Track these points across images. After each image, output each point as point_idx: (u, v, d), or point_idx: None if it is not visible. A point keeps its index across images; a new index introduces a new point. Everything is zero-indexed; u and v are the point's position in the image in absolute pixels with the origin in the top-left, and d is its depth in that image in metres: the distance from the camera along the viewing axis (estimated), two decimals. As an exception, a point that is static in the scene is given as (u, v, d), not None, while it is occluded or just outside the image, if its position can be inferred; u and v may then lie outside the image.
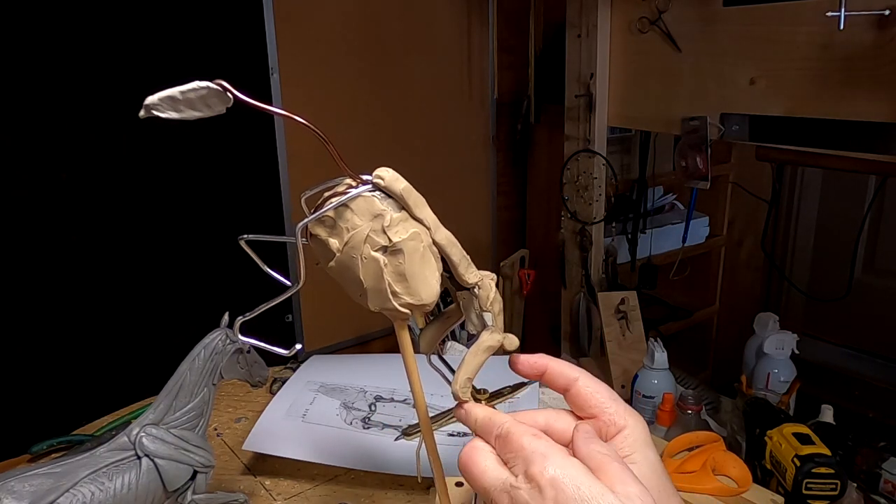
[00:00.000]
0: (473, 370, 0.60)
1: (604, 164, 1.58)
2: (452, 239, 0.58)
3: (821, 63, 1.13)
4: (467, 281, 0.59)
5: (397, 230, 0.55)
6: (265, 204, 1.58)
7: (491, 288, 0.58)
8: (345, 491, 0.83)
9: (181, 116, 0.48)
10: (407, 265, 0.55)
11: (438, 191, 1.91)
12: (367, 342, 1.83)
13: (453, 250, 0.57)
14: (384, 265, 0.56)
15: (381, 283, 0.56)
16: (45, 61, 1.25)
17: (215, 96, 0.48)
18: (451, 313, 0.65)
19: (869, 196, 1.82)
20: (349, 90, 1.67)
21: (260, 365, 0.72)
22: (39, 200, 1.29)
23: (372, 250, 0.56)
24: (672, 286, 2.04)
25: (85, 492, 0.60)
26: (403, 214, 0.56)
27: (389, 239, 0.55)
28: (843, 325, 1.99)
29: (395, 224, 0.55)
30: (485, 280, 0.59)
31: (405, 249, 0.55)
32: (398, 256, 0.55)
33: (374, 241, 0.56)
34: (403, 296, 0.57)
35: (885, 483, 1.14)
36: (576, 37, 1.56)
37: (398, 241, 0.55)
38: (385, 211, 0.55)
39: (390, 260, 0.56)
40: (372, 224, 0.55)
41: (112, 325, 1.41)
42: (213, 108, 0.48)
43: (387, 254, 0.56)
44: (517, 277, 2.00)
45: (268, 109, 0.49)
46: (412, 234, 0.55)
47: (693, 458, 0.86)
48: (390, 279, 0.56)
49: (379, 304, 0.58)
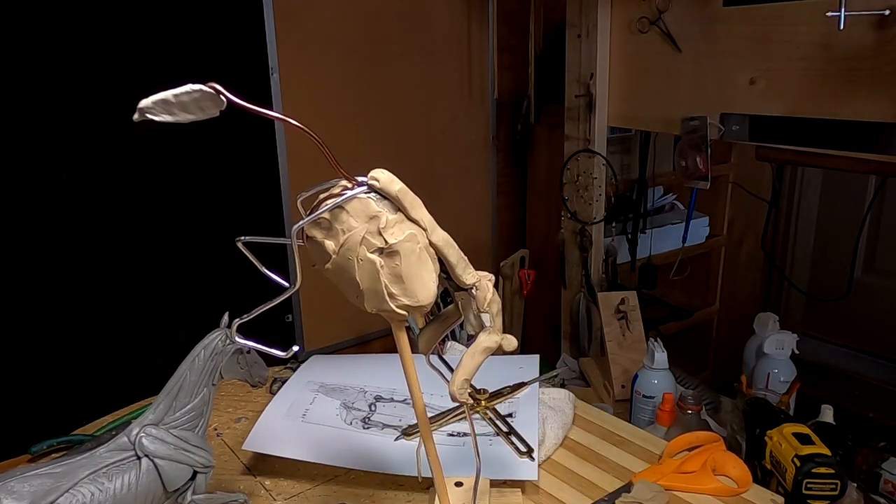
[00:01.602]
0: (471, 371, 0.60)
1: (604, 164, 1.58)
2: (449, 240, 0.58)
3: (821, 63, 1.13)
4: (465, 282, 0.58)
5: (393, 232, 0.55)
6: (265, 205, 1.58)
7: (488, 289, 0.58)
8: (345, 491, 0.83)
9: (175, 119, 0.48)
10: (403, 267, 0.55)
11: (438, 191, 1.92)
12: (366, 342, 1.83)
13: (450, 251, 0.57)
14: (381, 267, 0.55)
15: (378, 285, 0.56)
16: (45, 61, 1.25)
17: (209, 99, 0.47)
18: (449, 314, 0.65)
19: (869, 196, 1.82)
20: (349, 90, 1.67)
21: (260, 365, 0.72)
22: (39, 200, 1.29)
23: (368, 252, 0.56)
24: (672, 286, 2.04)
25: (85, 492, 0.60)
26: (399, 216, 0.56)
27: (386, 241, 0.55)
28: (843, 325, 1.99)
29: (391, 226, 0.55)
30: (482, 281, 0.59)
31: (401, 251, 0.55)
32: (395, 258, 0.55)
33: (370, 243, 0.55)
34: (400, 297, 0.57)
35: (885, 483, 1.14)
36: (576, 37, 1.56)
37: (394, 243, 0.55)
38: (381, 213, 0.55)
39: (387, 261, 0.56)
40: (368, 226, 0.55)
41: (112, 325, 1.41)
42: (207, 110, 0.48)
43: (383, 255, 0.56)
44: (517, 277, 2.00)
45: (261, 112, 0.49)
46: (408, 236, 0.55)
47: (693, 458, 0.86)
48: (387, 281, 0.56)
49: (376, 306, 0.58)
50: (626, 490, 0.81)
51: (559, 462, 0.88)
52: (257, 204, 1.56)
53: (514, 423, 0.88)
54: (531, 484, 0.83)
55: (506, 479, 0.82)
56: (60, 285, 1.33)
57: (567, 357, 1.74)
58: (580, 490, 0.82)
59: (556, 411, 0.95)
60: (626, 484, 0.82)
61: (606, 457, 0.89)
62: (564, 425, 0.94)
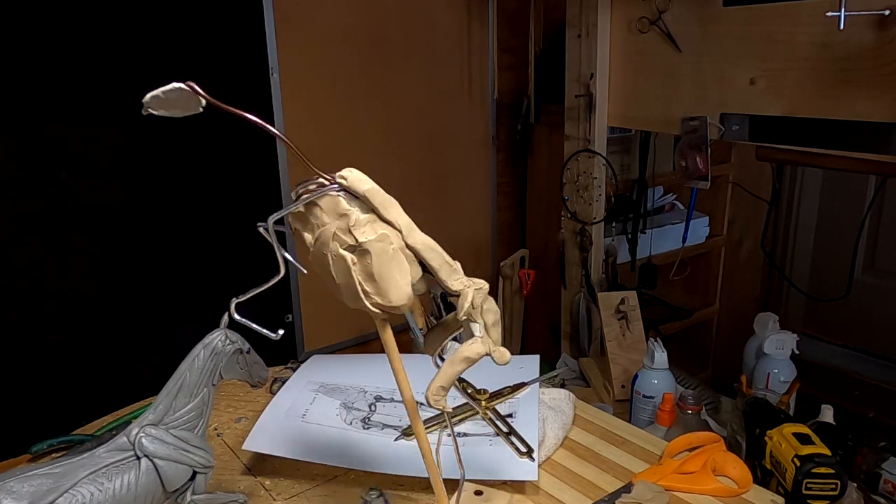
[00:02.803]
0: (448, 379, 0.60)
1: (604, 164, 1.58)
2: (430, 244, 0.58)
3: (821, 63, 1.13)
4: (450, 288, 0.58)
5: (364, 230, 0.56)
6: (265, 204, 1.58)
7: (468, 297, 0.58)
8: (345, 491, 0.83)
9: (168, 114, 0.51)
10: (375, 266, 0.56)
11: (438, 191, 1.92)
12: (367, 342, 1.83)
13: (431, 255, 0.57)
14: (353, 264, 0.56)
15: (352, 281, 0.57)
16: (45, 60, 1.25)
17: (188, 97, 0.50)
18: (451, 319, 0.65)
19: (869, 196, 1.82)
20: (349, 90, 1.67)
21: (260, 365, 0.72)
22: (39, 200, 1.29)
23: (340, 248, 0.56)
24: (672, 286, 2.04)
25: (84, 492, 0.60)
26: (372, 216, 0.56)
27: (356, 239, 0.55)
28: (843, 325, 1.99)
29: (361, 224, 0.56)
30: (466, 289, 0.58)
31: (373, 250, 0.55)
32: (366, 257, 0.56)
33: (341, 240, 0.56)
34: (374, 296, 0.57)
35: (885, 483, 1.14)
36: (576, 37, 1.56)
37: (364, 242, 0.55)
38: (351, 211, 0.56)
39: (359, 259, 0.56)
40: (338, 223, 0.56)
41: (112, 324, 1.41)
42: (188, 108, 0.51)
43: (356, 253, 0.56)
44: (517, 277, 2.00)
45: (230, 110, 0.50)
46: (380, 236, 0.56)
47: (693, 459, 0.86)
48: (360, 278, 0.57)
49: (353, 302, 0.59)
50: (626, 490, 0.81)
51: (559, 462, 0.88)
52: (257, 203, 1.55)
53: (514, 423, 0.87)
54: (531, 484, 0.83)
55: (506, 479, 0.82)
56: (60, 285, 1.33)
57: (567, 357, 1.74)
58: (580, 490, 0.82)
59: (556, 411, 0.95)
60: (626, 484, 0.82)
61: (606, 457, 0.89)
62: (564, 425, 0.94)
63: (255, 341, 0.72)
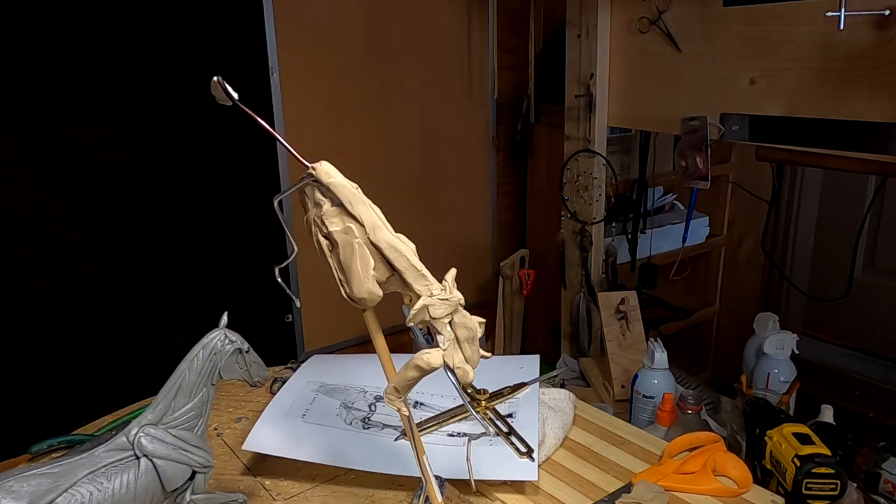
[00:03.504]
0: (402, 383, 0.61)
1: (604, 164, 1.58)
2: (396, 245, 0.58)
3: (821, 63, 1.13)
4: (413, 291, 0.59)
5: (333, 221, 0.58)
6: (265, 204, 1.57)
7: (418, 305, 0.58)
8: (345, 491, 0.83)
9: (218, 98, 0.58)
10: (342, 256, 0.58)
11: (439, 191, 1.92)
12: (367, 342, 1.82)
13: (395, 255, 0.57)
14: (328, 251, 0.59)
15: (330, 268, 0.59)
16: (45, 61, 1.25)
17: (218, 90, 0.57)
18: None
19: (869, 196, 1.81)
20: (349, 90, 1.67)
21: (259, 365, 0.72)
22: (39, 200, 1.29)
23: (320, 234, 0.59)
24: (672, 286, 2.04)
25: (83, 492, 0.60)
26: (340, 209, 0.58)
27: (326, 227, 0.57)
28: (843, 325, 1.99)
29: (330, 215, 0.58)
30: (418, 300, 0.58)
31: (339, 241, 0.58)
32: (336, 246, 0.58)
33: (320, 227, 0.59)
34: (345, 285, 0.60)
35: (885, 483, 1.13)
36: (576, 37, 1.56)
37: (331, 232, 0.58)
38: (323, 201, 0.59)
39: (333, 248, 0.58)
40: (316, 211, 0.58)
41: (112, 325, 1.41)
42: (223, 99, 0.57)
43: (329, 241, 0.59)
44: (517, 277, 2.00)
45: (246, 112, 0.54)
46: (345, 228, 0.58)
47: (693, 459, 0.86)
48: (335, 266, 0.59)
49: (338, 286, 0.62)
50: (626, 490, 0.81)
51: (559, 462, 0.88)
52: (257, 202, 1.55)
53: (514, 423, 0.87)
54: (531, 484, 0.83)
55: (506, 479, 0.82)
56: (60, 285, 1.33)
57: (567, 357, 1.74)
58: (580, 490, 0.82)
59: (556, 411, 0.95)
60: (626, 484, 0.82)
61: (606, 457, 0.89)
62: (564, 425, 0.94)
63: (255, 341, 0.72)
